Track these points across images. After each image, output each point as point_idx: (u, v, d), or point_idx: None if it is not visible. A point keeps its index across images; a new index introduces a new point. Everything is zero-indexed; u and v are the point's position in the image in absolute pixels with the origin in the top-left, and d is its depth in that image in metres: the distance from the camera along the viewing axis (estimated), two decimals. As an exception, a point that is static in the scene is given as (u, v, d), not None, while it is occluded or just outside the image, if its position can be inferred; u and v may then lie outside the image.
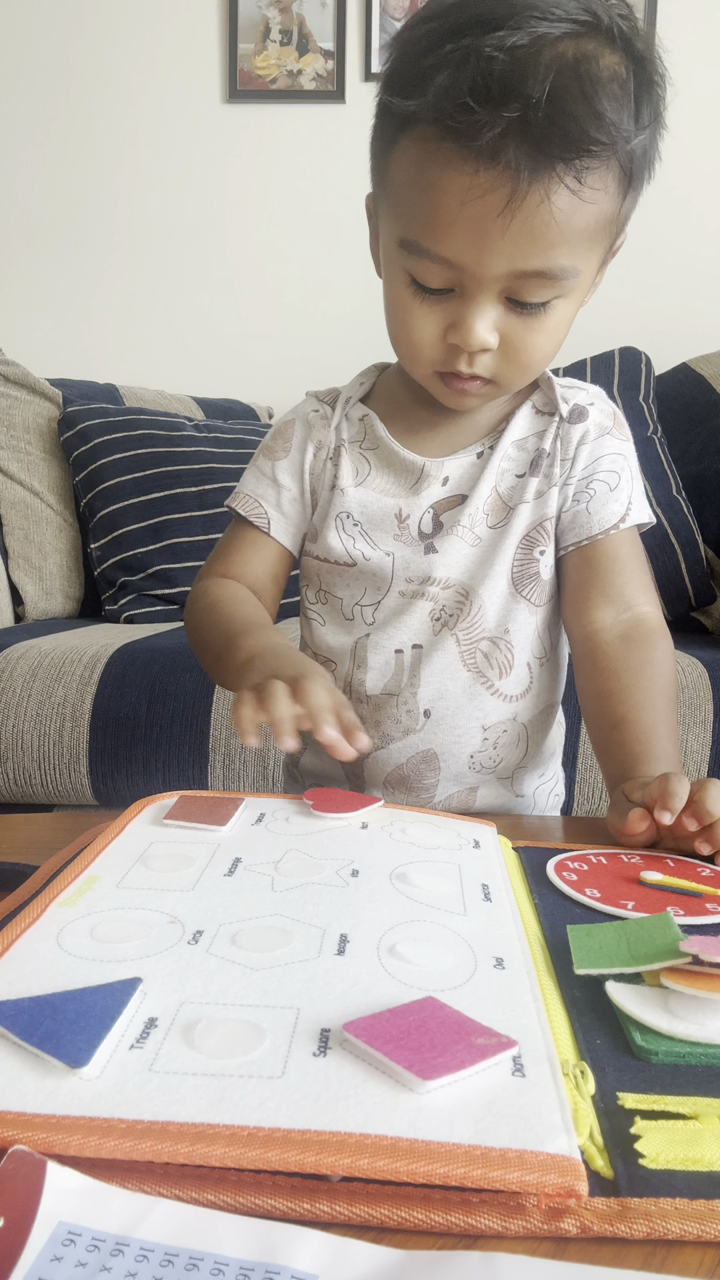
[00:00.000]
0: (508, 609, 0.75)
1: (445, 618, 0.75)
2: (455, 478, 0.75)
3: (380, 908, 0.43)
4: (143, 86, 2.17)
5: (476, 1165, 0.26)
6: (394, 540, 0.75)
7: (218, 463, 1.75)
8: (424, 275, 0.61)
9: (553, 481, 0.75)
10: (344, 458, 0.77)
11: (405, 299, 0.63)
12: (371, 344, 0.88)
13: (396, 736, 0.76)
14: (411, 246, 0.60)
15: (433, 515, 0.75)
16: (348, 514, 0.76)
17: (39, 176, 2.21)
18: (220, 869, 0.47)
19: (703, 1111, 0.31)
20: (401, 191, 0.60)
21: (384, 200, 0.64)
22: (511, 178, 0.55)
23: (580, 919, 0.45)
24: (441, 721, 0.75)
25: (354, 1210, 0.26)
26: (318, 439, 0.78)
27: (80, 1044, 0.30)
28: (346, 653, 0.77)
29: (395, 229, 0.62)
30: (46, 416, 1.83)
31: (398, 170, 0.60)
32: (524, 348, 0.63)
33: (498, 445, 0.74)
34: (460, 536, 0.74)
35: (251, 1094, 0.29)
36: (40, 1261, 0.23)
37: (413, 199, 0.59)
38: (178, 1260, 0.24)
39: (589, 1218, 0.26)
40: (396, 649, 0.75)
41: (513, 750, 0.77)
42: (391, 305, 0.65)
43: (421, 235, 0.59)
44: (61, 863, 0.49)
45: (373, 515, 0.75)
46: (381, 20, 2.10)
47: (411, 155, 0.59)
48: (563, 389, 0.76)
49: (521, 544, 0.75)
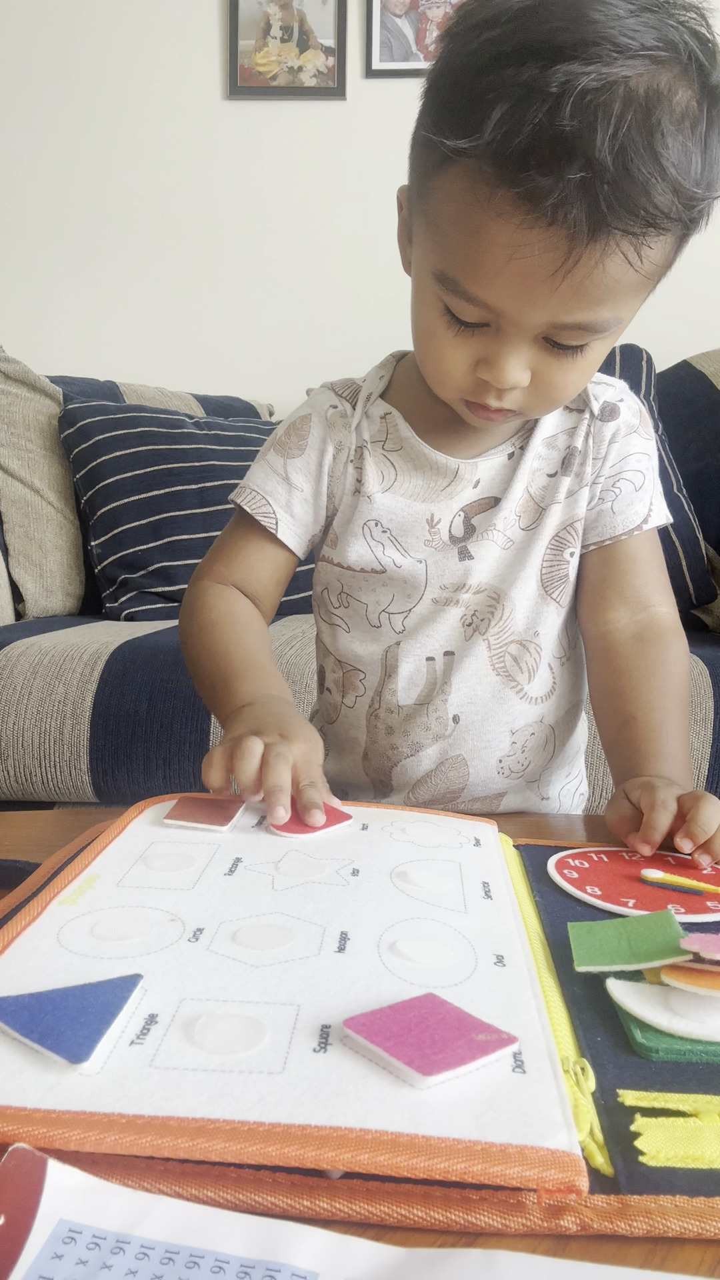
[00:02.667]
0: (537, 610, 0.73)
1: (476, 622, 0.73)
2: (487, 479, 0.72)
3: (380, 905, 0.43)
4: (143, 83, 2.17)
5: (477, 1160, 0.26)
6: (425, 546, 0.72)
7: (218, 460, 1.75)
8: (459, 310, 0.58)
9: (584, 480, 0.73)
10: (367, 461, 0.73)
11: (436, 326, 0.60)
12: (373, 342, 0.88)
13: (426, 743, 0.74)
14: (450, 284, 0.57)
15: (464, 518, 0.72)
16: (375, 521, 0.73)
17: (39, 173, 2.21)
18: (221, 868, 0.47)
19: (703, 1109, 0.31)
20: (444, 225, 0.56)
21: (422, 220, 0.59)
22: (567, 240, 0.51)
23: (581, 917, 0.45)
24: (470, 727, 0.73)
25: (354, 1208, 0.26)
26: (337, 439, 0.74)
27: (80, 1039, 0.30)
28: (376, 662, 0.75)
29: (433, 259, 0.58)
30: (47, 414, 1.83)
31: (442, 200, 0.56)
32: (556, 385, 0.61)
33: (529, 444, 0.72)
34: (493, 540, 0.72)
35: (251, 1089, 0.29)
36: (41, 1259, 0.23)
37: (456, 238, 0.55)
38: (178, 1258, 0.24)
39: (589, 1215, 0.26)
40: (428, 656, 0.73)
41: (540, 753, 0.76)
42: (421, 325, 0.62)
43: (461, 276, 0.56)
44: (62, 861, 0.49)
45: (402, 522, 0.72)
46: (382, 17, 2.10)
47: (459, 191, 0.54)
48: (592, 385, 0.74)
49: (552, 544, 0.73)
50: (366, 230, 2.14)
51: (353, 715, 0.76)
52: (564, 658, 0.76)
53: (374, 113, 2.14)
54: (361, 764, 0.77)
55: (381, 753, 0.76)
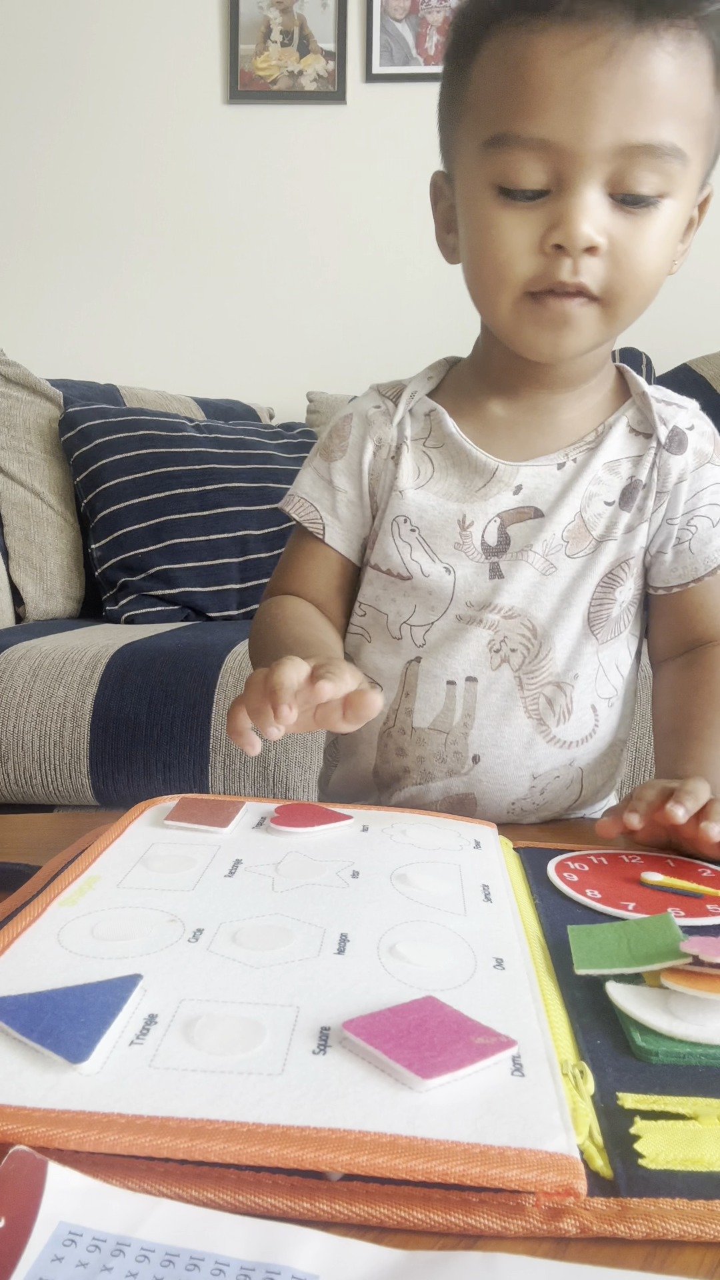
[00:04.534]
0: (577, 651, 0.69)
1: (506, 652, 0.68)
2: (530, 487, 0.67)
3: (380, 908, 0.43)
4: (144, 87, 2.17)
5: (475, 1163, 0.26)
6: (455, 550, 0.68)
7: (218, 463, 1.75)
8: (515, 173, 0.54)
9: (644, 516, 0.68)
10: (404, 456, 0.69)
11: (492, 214, 0.56)
12: (373, 345, 0.88)
13: (438, 776, 0.70)
14: (501, 141, 0.54)
15: (499, 526, 0.67)
16: (405, 518, 0.69)
17: (40, 177, 2.21)
18: (221, 870, 0.47)
19: (702, 1112, 0.31)
20: (486, 91, 0.55)
21: (463, 125, 0.58)
22: (609, 30, 0.50)
23: (581, 919, 0.45)
24: (490, 769, 0.69)
25: (353, 1210, 0.26)
26: (378, 436, 0.70)
27: (80, 1039, 0.30)
28: (395, 677, 0.71)
29: (479, 134, 0.55)
30: (47, 417, 1.83)
31: (480, 74, 0.55)
32: (634, 253, 0.55)
33: (588, 463, 0.67)
34: (530, 562, 0.67)
35: (251, 1090, 0.29)
36: (41, 1262, 0.23)
37: (500, 89, 0.54)
38: (178, 1260, 0.24)
39: (588, 1218, 0.26)
40: (449, 679, 0.68)
41: (562, 794, 0.72)
42: (474, 230, 0.58)
43: (513, 120, 0.53)
44: (62, 864, 0.49)
45: (432, 521, 0.68)
46: (383, 21, 2.10)
47: (497, 49, 0.54)
48: (660, 407, 0.69)
49: (603, 582, 0.68)
50: (367, 234, 2.15)
51: (368, 730, 0.73)
52: (613, 699, 0.72)
53: (374, 117, 2.14)
54: (372, 779, 0.74)
55: (391, 773, 0.72)
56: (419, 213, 2.17)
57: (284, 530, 1.73)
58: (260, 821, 0.55)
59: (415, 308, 2.14)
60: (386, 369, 0.96)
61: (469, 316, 0.67)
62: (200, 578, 1.69)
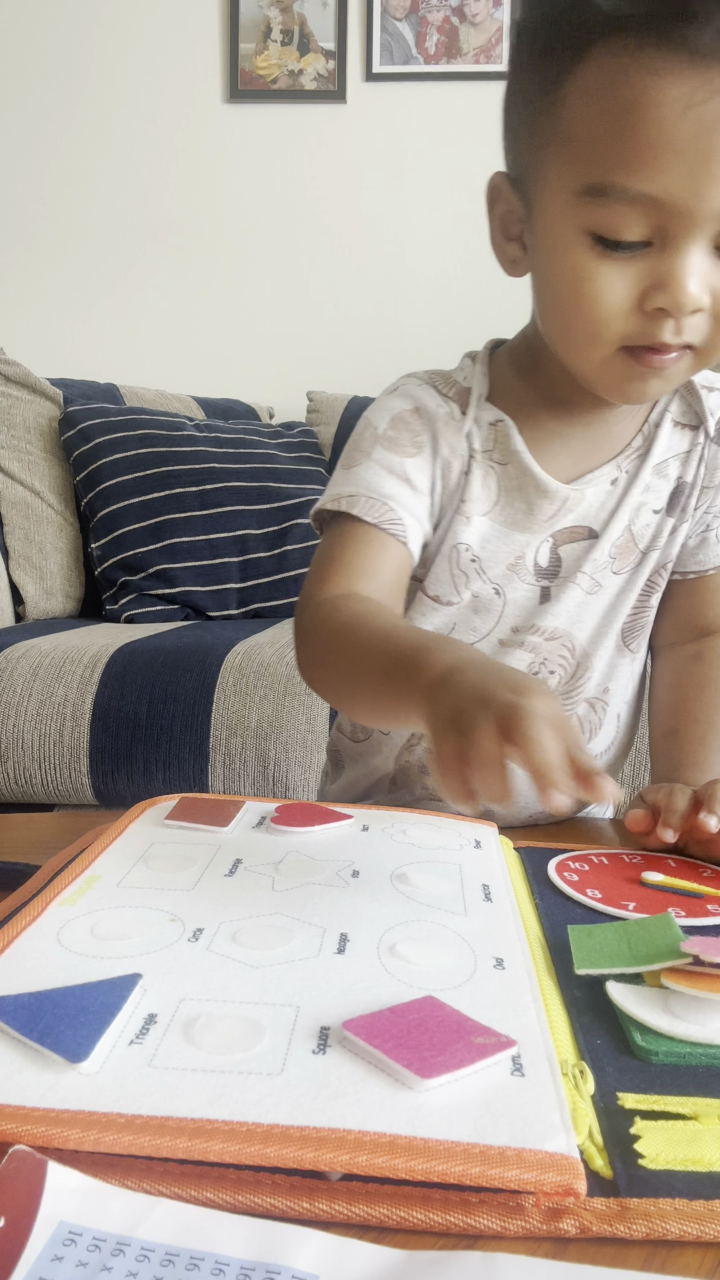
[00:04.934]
0: (612, 666, 0.68)
1: (545, 675, 0.66)
2: (585, 505, 0.64)
3: (380, 907, 0.43)
4: (144, 86, 2.17)
5: (475, 1163, 0.26)
6: (507, 571, 0.64)
7: (218, 463, 1.75)
8: (616, 226, 0.49)
9: (687, 516, 0.66)
10: (474, 474, 0.63)
11: (585, 264, 0.51)
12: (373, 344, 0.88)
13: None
14: (603, 191, 0.48)
15: (551, 546, 0.64)
16: (467, 546, 0.64)
17: (40, 176, 2.21)
18: (221, 869, 0.47)
19: (703, 1112, 0.31)
20: (587, 126, 0.48)
21: (550, 152, 0.51)
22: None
23: (581, 919, 0.45)
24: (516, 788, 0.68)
25: (353, 1210, 0.26)
26: (449, 442, 0.63)
27: (80, 1039, 0.30)
28: None
29: (575, 176, 0.50)
30: (47, 416, 1.83)
31: (578, 104, 0.49)
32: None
33: (638, 473, 0.64)
34: (578, 584, 0.65)
35: (250, 1090, 0.29)
36: (41, 1261, 0.23)
37: (605, 130, 0.48)
38: (178, 1260, 0.24)
39: (588, 1218, 0.26)
40: None
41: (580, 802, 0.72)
42: (565, 277, 0.52)
43: (619, 171, 0.47)
44: (62, 863, 0.49)
45: (495, 552, 0.64)
46: (383, 20, 2.10)
47: (600, 78, 0.47)
48: (708, 396, 0.65)
49: (641, 592, 0.67)
50: (367, 233, 2.14)
51: (386, 744, 0.71)
52: (630, 703, 0.72)
53: (374, 116, 2.14)
54: (387, 795, 0.72)
55: (409, 789, 0.71)
56: (419, 212, 2.18)
57: (283, 529, 1.73)
58: (260, 821, 0.55)
59: (415, 307, 2.14)
60: (386, 368, 0.96)
61: (469, 316, 0.67)
62: (200, 577, 1.69)
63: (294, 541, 1.73)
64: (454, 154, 2.11)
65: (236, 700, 1.22)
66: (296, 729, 1.21)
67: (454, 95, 2.11)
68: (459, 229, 2.08)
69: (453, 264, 2.09)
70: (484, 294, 1.99)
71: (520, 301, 0.66)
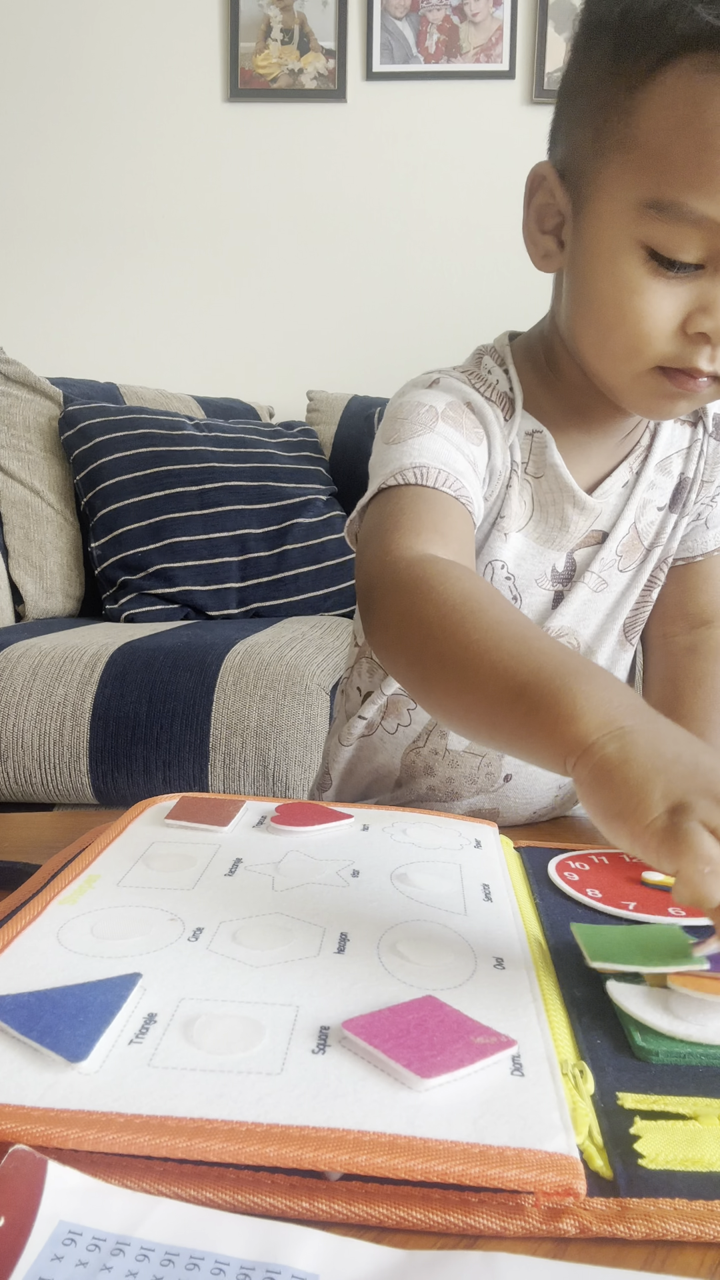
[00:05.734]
0: (613, 661, 0.69)
1: None
2: (602, 508, 0.65)
3: (381, 907, 0.43)
4: (144, 85, 2.17)
5: (475, 1163, 0.26)
6: (533, 583, 0.65)
7: (218, 462, 1.75)
8: (676, 244, 0.49)
9: (686, 512, 0.67)
10: (513, 488, 0.62)
11: (637, 279, 0.50)
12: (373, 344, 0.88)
13: (466, 794, 0.69)
14: (669, 207, 0.48)
15: (567, 553, 0.65)
16: (502, 564, 0.63)
17: (41, 175, 2.21)
18: (221, 869, 0.47)
19: (703, 1112, 0.31)
20: (662, 138, 0.48)
21: (615, 157, 0.50)
22: None
23: (582, 919, 0.45)
24: (520, 786, 0.68)
25: (353, 1209, 0.26)
26: (500, 451, 0.61)
27: (79, 1038, 0.30)
28: None
29: (641, 187, 0.49)
30: (47, 415, 1.83)
31: (656, 114, 0.48)
32: None
33: (644, 470, 0.65)
34: (586, 583, 0.65)
35: (250, 1090, 0.29)
36: (41, 1261, 0.23)
37: (681, 148, 0.47)
38: (178, 1260, 0.24)
39: (588, 1218, 0.26)
40: None
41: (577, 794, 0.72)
42: (612, 287, 0.52)
43: (690, 191, 0.47)
44: (62, 862, 0.49)
45: (529, 570, 0.64)
46: (383, 19, 2.10)
47: (684, 92, 0.46)
48: None
49: (645, 587, 0.68)
50: (367, 232, 2.14)
51: (391, 743, 0.70)
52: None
53: (374, 115, 2.14)
54: (391, 794, 0.72)
55: (414, 789, 0.71)
56: (420, 211, 2.17)
57: (283, 529, 1.73)
58: (260, 820, 0.55)
59: (416, 306, 2.14)
60: (386, 369, 0.95)
61: (469, 316, 0.67)
62: (200, 576, 1.69)
63: (294, 541, 1.73)
64: (454, 153, 2.11)
65: (236, 699, 1.22)
66: (296, 728, 1.21)
67: (454, 94, 2.11)
68: (460, 228, 2.08)
69: (453, 263, 2.09)
70: (484, 293, 2.00)
71: (520, 301, 0.66)
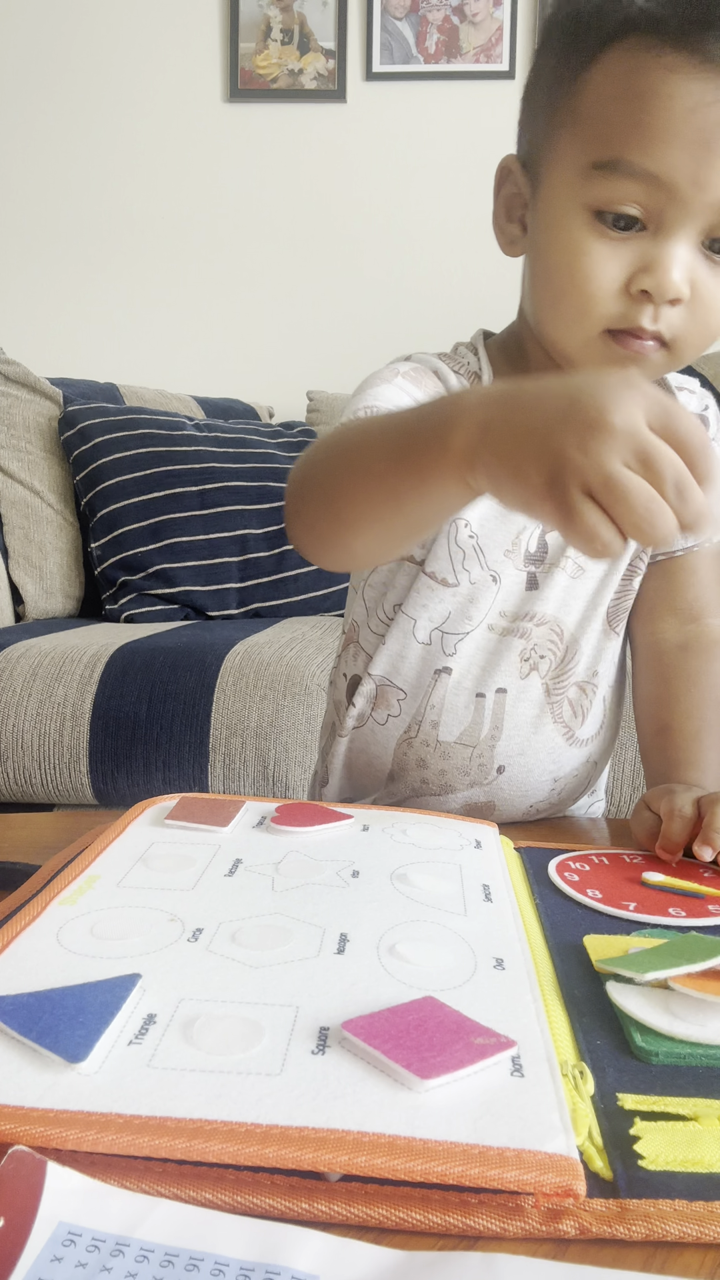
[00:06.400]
0: (599, 650, 0.69)
1: (535, 659, 0.67)
2: None
3: (380, 908, 0.43)
4: (144, 86, 2.17)
5: (474, 1164, 0.26)
6: (504, 558, 0.66)
7: (218, 462, 1.75)
8: (618, 199, 0.52)
9: None
10: None
11: (583, 240, 0.54)
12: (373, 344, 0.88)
13: (460, 788, 0.69)
14: (610, 166, 0.52)
15: (540, 533, 0.67)
16: (466, 522, 0.66)
17: (41, 176, 2.21)
18: (221, 869, 0.47)
19: (703, 1113, 0.31)
20: (602, 108, 0.53)
21: (564, 132, 0.55)
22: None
23: (582, 920, 0.45)
24: (514, 778, 0.69)
25: (352, 1210, 0.26)
26: None
27: (79, 1039, 0.30)
28: (421, 687, 0.68)
29: (585, 153, 0.53)
30: (47, 415, 1.83)
31: (598, 88, 0.53)
32: (712, 305, 0.55)
33: None
34: (563, 569, 0.67)
35: (250, 1090, 0.29)
36: (40, 1262, 0.23)
37: (620, 112, 0.52)
38: (178, 1261, 0.24)
39: (588, 1219, 0.26)
40: (478, 692, 0.67)
41: (577, 789, 0.72)
42: (561, 252, 0.55)
43: (627, 148, 0.51)
44: (62, 863, 0.49)
45: (492, 531, 0.66)
46: (383, 20, 2.10)
47: (622, 67, 0.52)
48: (678, 391, 0.70)
49: (624, 575, 0.69)
50: (367, 232, 2.14)
51: (382, 734, 0.71)
52: (614, 685, 0.73)
53: (374, 115, 2.14)
54: (385, 786, 0.72)
55: (407, 783, 0.71)
56: (419, 211, 2.18)
57: (283, 529, 1.73)
58: (260, 821, 0.55)
59: (416, 306, 2.14)
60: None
61: (469, 316, 0.67)
62: (200, 576, 1.69)
63: (294, 541, 1.73)
64: (454, 153, 2.11)
65: (236, 700, 1.22)
66: (296, 729, 1.21)
67: (454, 94, 2.11)
68: (459, 228, 2.08)
69: (453, 263, 2.09)
70: (484, 294, 2.00)
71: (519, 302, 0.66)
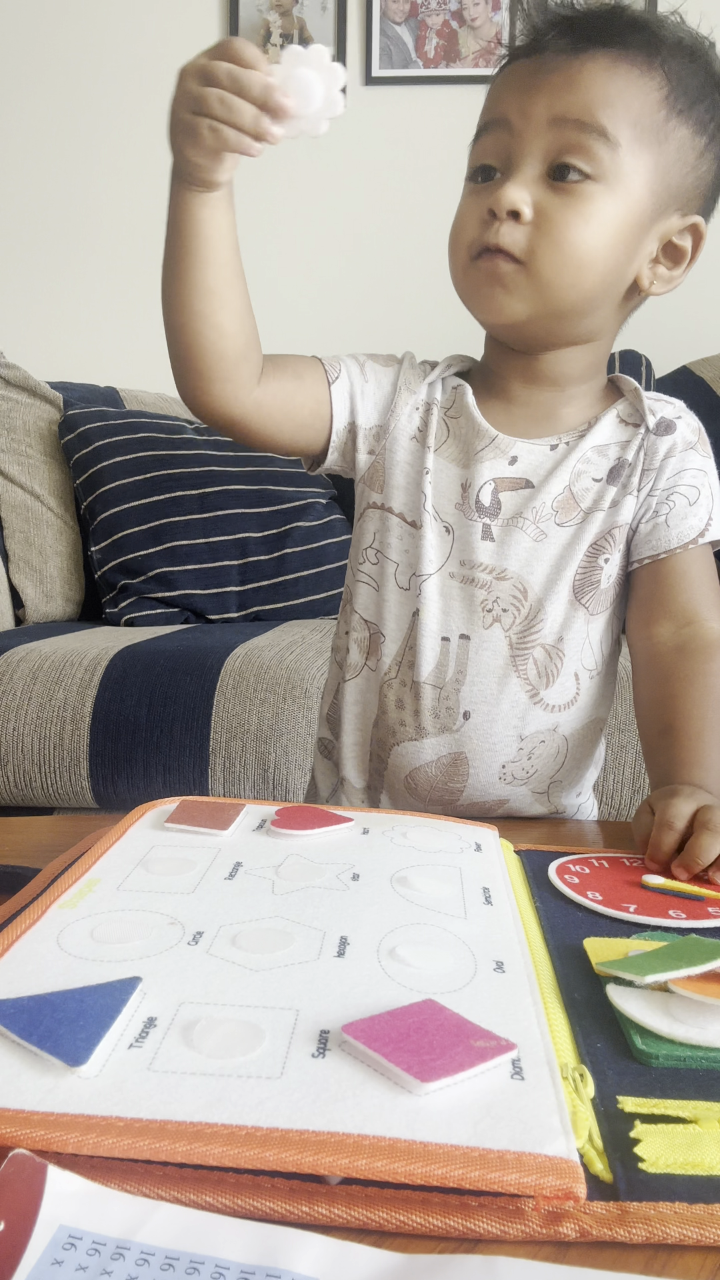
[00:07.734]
0: (568, 620, 0.73)
1: (498, 612, 0.73)
2: (524, 460, 0.73)
3: (380, 911, 0.43)
4: (144, 89, 2.17)
5: (474, 1166, 0.26)
6: (455, 510, 0.73)
7: (218, 465, 1.75)
8: (478, 157, 0.67)
9: (629, 489, 0.73)
10: (433, 417, 0.75)
11: (462, 199, 0.68)
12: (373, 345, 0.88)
13: (431, 731, 0.74)
14: (478, 132, 0.68)
15: (492, 490, 0.73)
16: (428, 472, 0.74)
17: (40, 178, 2.21)
18: (221, 872, 0.47)
19: (703, 1115, 0.31)
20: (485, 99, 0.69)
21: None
22: (553, 55, 0.64)
23: (582, 922, 0.45)
24: (479, 727, 0.73)
25: (352, 1213, 0.26)
26: (411, 384, 0.76)
27: (79, 1042, 0.30)
28: (397, 627, 0.75)
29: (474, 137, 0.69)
30: (47, 419, 1.83)
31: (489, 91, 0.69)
32: (557, 223, 0.63)
33: (578, 445, 0.73)
34: (523, 529, 0.72)
35: (250, 1094, 0.29)
36: (41, 1265, 0.23)
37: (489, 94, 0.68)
38: (178, 1264, 0.24)
39: (588, 1222, 0.26)
40: (443, 636, 0.73)
41: (550, 762, 0.75)
42: (455, 217, 0.70)
43: (485, 113, 0.67)
44: (62, 866, 0.49)
45: (441, 484, 0.74)
46: (382, 24, 2.11)
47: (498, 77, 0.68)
48: (650, 401, 0.75)
49: (589, 550, 0.73)
50: (366, 236, 2.15)
51: (373, 679, 0.77)
52: (594, 671, 0.75)
53: (373, 120, 2.14)
54: (371, 733, 0.77)
55: (388, 726, 0.75)
56: (419, 215, 2.18)
57: (283, 532, 1.73)
58: (260, 824, 0.55)
59: (415, 310, 2.14)
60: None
61: (468, 320, 0.69)
62: (200, 580, 1.69)
63: (294, 544, 1.73)
64: (453, 157, 2.11)
65: (236, 703, 1.22)
66: (296, 732, 1.21)
67: (453, 99, 2.11)
68: (458, 232, 2.08)
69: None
70: (483, 297, 2.00)
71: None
